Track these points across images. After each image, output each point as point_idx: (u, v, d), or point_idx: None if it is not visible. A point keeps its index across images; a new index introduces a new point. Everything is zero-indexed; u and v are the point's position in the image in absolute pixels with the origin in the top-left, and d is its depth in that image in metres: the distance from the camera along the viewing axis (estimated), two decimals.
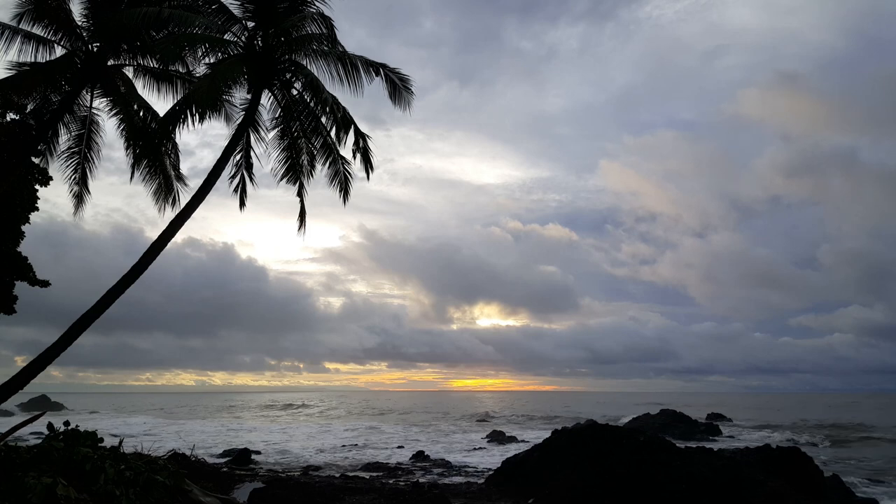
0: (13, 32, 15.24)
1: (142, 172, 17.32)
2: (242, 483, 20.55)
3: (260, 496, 17.19)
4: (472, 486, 22.68)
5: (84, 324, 13.65)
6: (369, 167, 16.03)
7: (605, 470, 17.82)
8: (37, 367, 13.19)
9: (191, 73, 16.63)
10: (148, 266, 14.35)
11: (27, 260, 15.48)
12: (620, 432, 21.56)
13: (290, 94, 16.41)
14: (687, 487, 16.42)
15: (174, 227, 14.76)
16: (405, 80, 15.69)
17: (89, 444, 10.87)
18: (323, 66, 15.17)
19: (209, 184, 15.19)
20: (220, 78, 14.14)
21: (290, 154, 17.02)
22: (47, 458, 9.90)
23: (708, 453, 18.98)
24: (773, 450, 21.14)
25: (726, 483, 16.47)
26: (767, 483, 16.85)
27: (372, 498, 18.63)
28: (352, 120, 15.24)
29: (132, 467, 10.62)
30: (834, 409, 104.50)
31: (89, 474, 9.85)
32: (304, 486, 20.08)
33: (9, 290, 15.36)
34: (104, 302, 13.84)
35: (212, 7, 15.44)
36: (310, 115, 16.21)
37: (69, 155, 17.28)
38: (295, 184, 17.16)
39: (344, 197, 16.95)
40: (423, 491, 20.41)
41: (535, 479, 20.88)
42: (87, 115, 17.16)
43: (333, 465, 32.39)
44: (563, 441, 22.34)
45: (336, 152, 16.60)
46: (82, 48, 15.96)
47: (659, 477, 16.88)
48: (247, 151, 17.06)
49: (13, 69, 15.42)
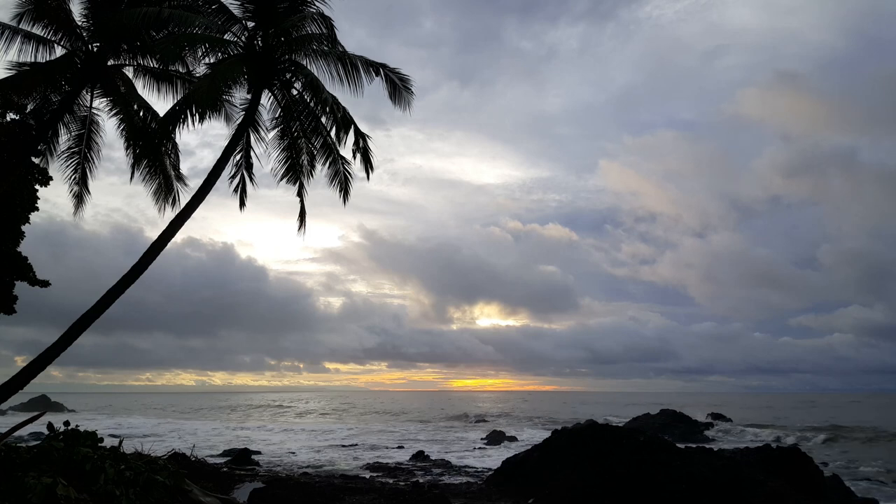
0: (13, 32, 15.25)
1: (142, 172, 17.34)
2: (242, 483, 20.55)
3: (260, 496, 17.18)
4: (472, 486, 22.67)
5: (84, 324, 13.66)
6: (369, 167, 16.05)
7: (605, 470, 17.81)
8: (37, 367, 13.20)
9: (191, 73, 16.64)
10: (148, 266, 14.36)
11: (27, 260, 15.49)
12: (620, 432, 21.55)
13: (290, 94, 16.41)
14: (687, 487, 16.41)
15: (174, 227, 14.77)
16: (405, 80, 15.70)
17: (89, 444, 10.87)
18: (323, 66, 15.20)
19: (209, 184, 15.20)
20: (220, 78, 14.16)
21: (290, 154, 17.02)
22: (47, 458, 9.90)
23: (708, 453, 18.97)
24: (773, 450, 21.13)
25: (726, 483, 16.46)
26: (767, 483, 16.84)
27: (372, 498, 18.62)
28: (352, 120, 15.25)
29: (132, 467, 10.62)
30: (834, 409, 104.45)
31: (89, 474, 9.86)
32: (304, 486, 20.07)
33: (9, 290, 15.37)
34: (104, 302, 13.85)
35: (212, 7, 15.45)
36: (310, 115, 16.22)
37: (69, 155, 17.29)
38: (295, 184, 17.19)
39: (344, 197, 16.97)
40: (423, 491, 20.40)
41: (534, 479, 20.87)
42: (87, 115, 17.16)
43: (333, 465, 32.38)
44: (563, 441, 22.32)
45: (336, 152, 16.60)
46: (82, 48, 15.96)
47: (659, 477, 16.87)
48: (247, 151, 17.08)
49: (13, 69, 15.42)
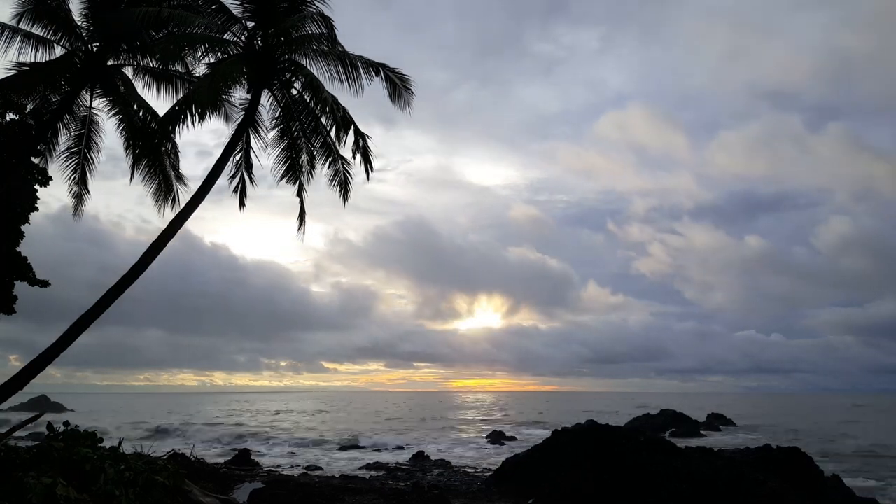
0: (13, 32, 15.24)
1: (142, 172, 17.33)
2: (242, 483, 20.51)
3: (260, 496, 17.18)
4: (472, 486, 22.67)
5: (84, 324, 13.65)
6: (369, 167, 16.03)
7: (606, 470, 17.82)
8: (37, 367, 13.19)
9: (191, 73, 16.63)
10: (148, 266, 14.35)
11: (27, 260, 15.48)
12: (620, 432, 21.54)
13: (289, 94, 16.40)
14: (687, 487, 16.42)
15: (174, 227, 14.77)
16: (405, 80, 15.67)
17: (89, 444, 10.86)
18: (323, 65, 15.19)
19: (209, 184, 15.19)
20: (219, 78, 14.15)
21: (290, 154, 17.02)
22: (47, 458, 9.90)
23: (708, 453, 18.99)
24: (773, 450, 21.10)
25: (726, 483, 16.47)
26: (767, 483, 16.85)
27: (372, 498, 18.61)
28: (352, 120, 15.24)
29: (132, 467, 10.60)
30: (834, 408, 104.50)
31: (89, 474, 9.84)
32: (304, 486, 20.07)
33: (9, 290, 15.36)
34: (104, 302, 13.84)
35: (212, 7, 15.44)
36: (310, 115, 16.21)
37: (69, 155, 17.28)
38: (295, 184, 17.17)
39: (344, 197, 16.96)
40: (423, 491, 20.40)
41: (535, 479, 20.86)
42: (86, 115, 17.15)
43: (333, 465, 32.38)
44: (563, 441, 22.30)
45: (336, 152, 16.59)
46: (82, 48, 15.95)
47: (659, 477, 16.88)
48: (246, 151, 17.07)
49: (13, 69, 15.41)
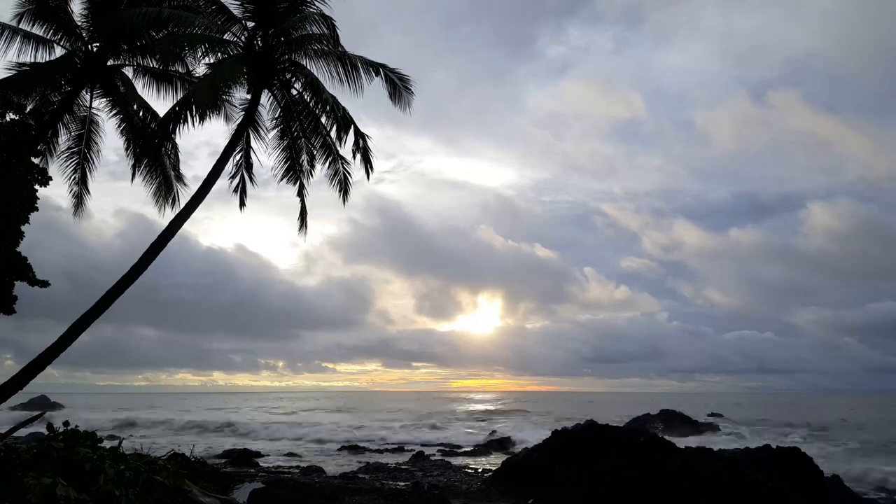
0: (13, 32, 15.23)
1: (142, 172, 17.33)
2: (242, 483, 20.56)
3: (260, 496, 17.22)
4: (472, 486, 22.68)
5: (84, 323, 13.65)
6: (369, 167, 16.03)
7: (606, 470, 17.83)
8: (37, 367, 13.19)
9: (191, 73, 16.63)
10: (148, 266, 14.35)
11: (27, 260, 15.49)
12: (620, 432, 21.57)
13: (289, 95, 16.41)
14: (687, 487, 16.43)
15: (174, 227, 14.77)
16: (405, 80, 15.68)
17: (89, 444, 10.85)
18: (323, 66, 15.20)
19: (209, 184, 15.20)
20: (219, 78, 14.16)
21: (290, 154, 17.03)
22: (47, 458, 9.89)
23: (708, 453, 19.02)
24: (774, 450, 21.13)
25: (726, 483, 16.49)
26: (767, 483, 16.87)
27: (372, 498, 18.64)
28: (352, 120, 15.25)
29: (132, 468, 10.60)
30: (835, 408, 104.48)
31: (89, 474, 9.83)
32: (304, 486, 20.13)
33: (9, 290, 15.38)
34: (104, 302, 13.84)
35: (212, 7, 15.45)
36: (310, 115, 16.22)
37: (69, 155, 17.27)
38: (295, 184, 17.19)
39: (344, 197, 16.97)
40: (423, 491, 20.44)
41: (535, 479, 20.88)
42: (86, 115, 17.15)
43: (333, 465, 32.38)
44: (563, 441, 22.33)
45: (336, 152, 16.60)
46: (82, 48, 15.95)
47: (659, 477, 16.89)
48: (247, 151, 17.09)
49: (13, 69, 15.39)
